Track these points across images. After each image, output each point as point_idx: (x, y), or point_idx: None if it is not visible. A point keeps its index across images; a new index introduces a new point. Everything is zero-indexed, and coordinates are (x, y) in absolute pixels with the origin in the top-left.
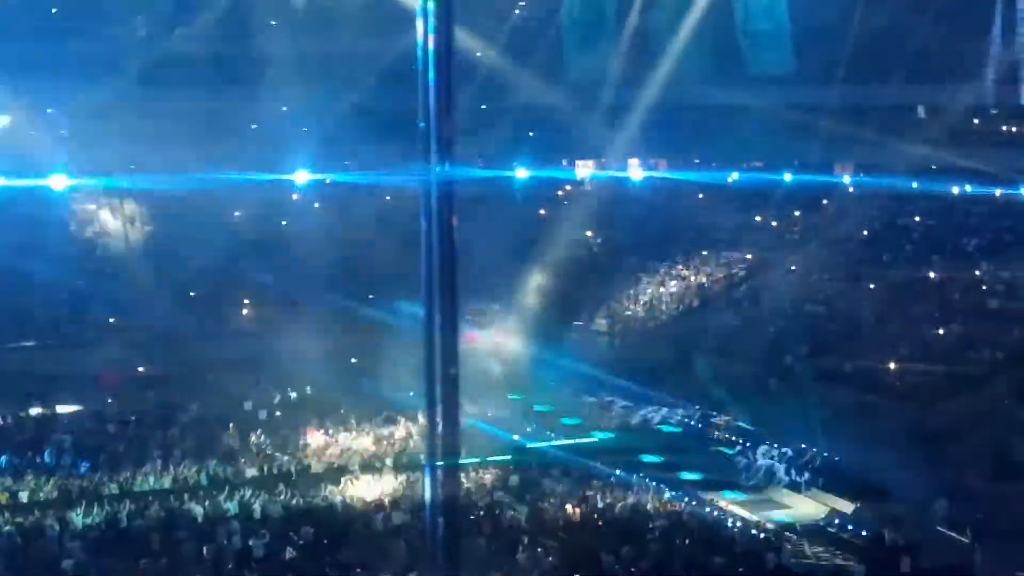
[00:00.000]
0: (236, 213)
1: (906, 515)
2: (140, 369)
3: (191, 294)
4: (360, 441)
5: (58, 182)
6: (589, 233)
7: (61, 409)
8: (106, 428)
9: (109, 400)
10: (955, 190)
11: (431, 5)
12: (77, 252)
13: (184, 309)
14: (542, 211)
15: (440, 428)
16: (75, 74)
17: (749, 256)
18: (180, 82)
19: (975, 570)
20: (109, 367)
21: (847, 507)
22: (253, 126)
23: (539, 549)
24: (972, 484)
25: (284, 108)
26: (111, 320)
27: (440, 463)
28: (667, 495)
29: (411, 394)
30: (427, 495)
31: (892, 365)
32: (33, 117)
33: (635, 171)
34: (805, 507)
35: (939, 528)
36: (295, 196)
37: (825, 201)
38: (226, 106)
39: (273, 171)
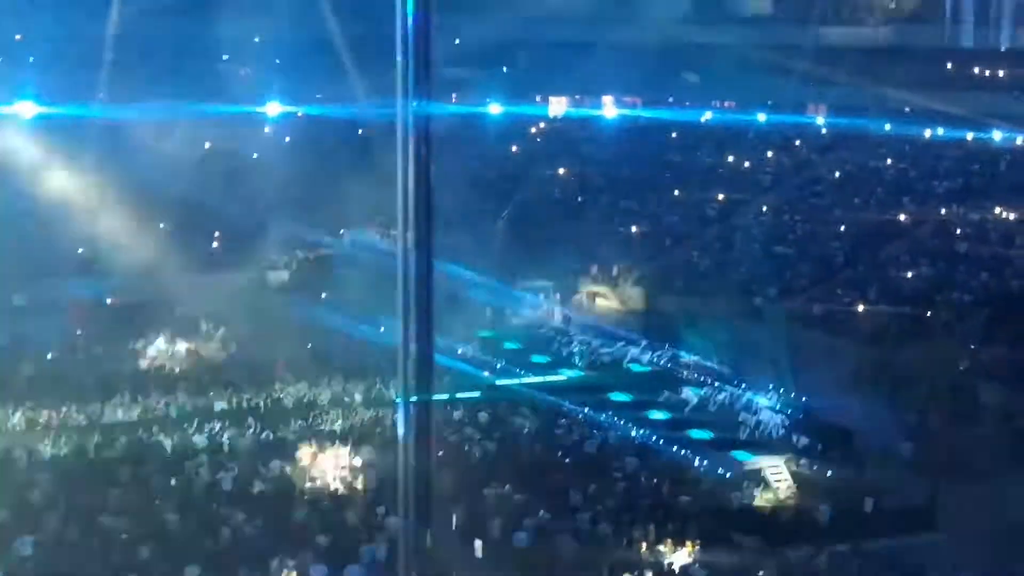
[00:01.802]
0: (206, 144)
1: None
2: (108, 301)
3: (160, 226)
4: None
5: (26, 109)
6: (561, 171)
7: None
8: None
9: (78, 332)
10: (927, 133)
11: None
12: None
13: (154, 241)
14: (514, 148)
15: (413, 363)
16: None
17: (721, 196)
18: (150, 11)
19: None
20: (77, 300)
21: None
22: (224, 57)
23: None
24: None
25: (256, 39)
26: (79, 251)
27: (413, 399)
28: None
29: (380, 328)
30: (400, 431)
31: (860, 307)
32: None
33: (609, 109)
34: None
35: None
36: (267, 129)
37: (798, 142)
38: (197, 36)
39: (244, 103)
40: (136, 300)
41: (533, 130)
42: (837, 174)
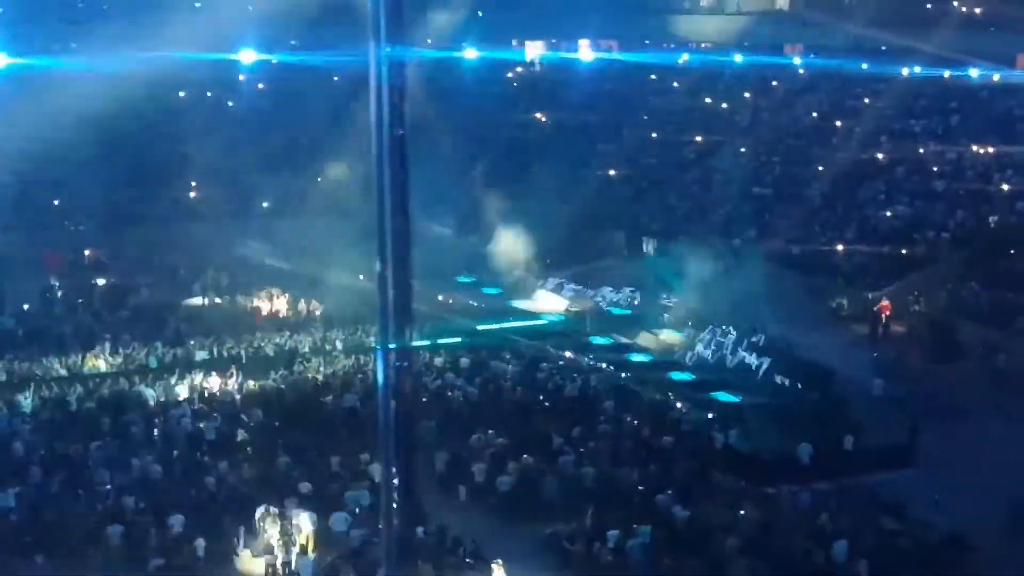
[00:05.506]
0: (181, 93)
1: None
2: (86, 252)
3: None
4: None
5: None
6: (539, 115)
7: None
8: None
9: (53, 282)
10: (904, 71)
11: None
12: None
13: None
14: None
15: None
16: None
17: (699, 139)
18: None
19: None
20: (52, 249)
21: None
22: (197, 4)
23: None
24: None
25: None
26: (55, 202)
27: (392, 345)
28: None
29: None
30: (380, 377)
31: (839, 247)
32: None
33: (585, 52)
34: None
35: None
36: (241, 76)
37: (775, 83)
38: None
39: (217, 51)
40: None
41: (510, 75)
42: (815, 114)
